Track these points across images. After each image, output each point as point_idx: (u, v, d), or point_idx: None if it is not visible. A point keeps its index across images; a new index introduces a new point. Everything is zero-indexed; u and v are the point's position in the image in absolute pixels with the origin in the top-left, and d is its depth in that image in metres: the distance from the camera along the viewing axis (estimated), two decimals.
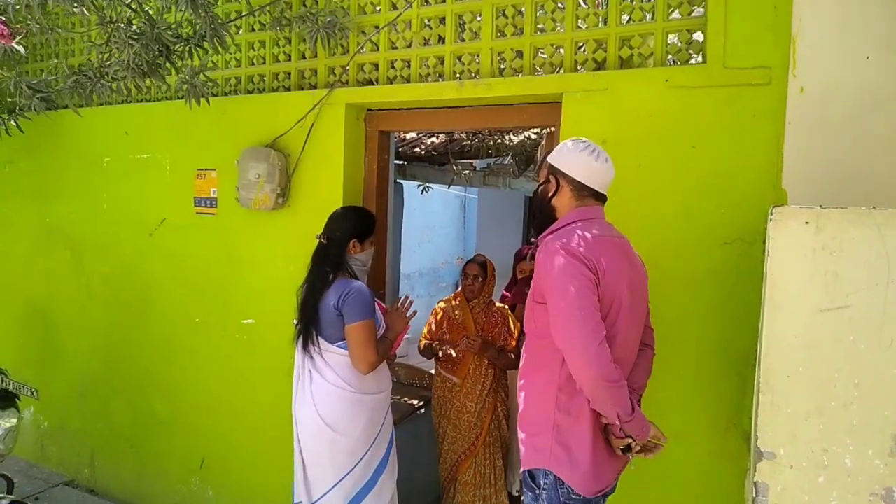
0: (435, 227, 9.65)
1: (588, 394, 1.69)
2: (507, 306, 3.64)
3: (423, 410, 3.89)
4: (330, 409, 2.44)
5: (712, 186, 2.17)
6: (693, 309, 2.22)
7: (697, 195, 2.19)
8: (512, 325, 3.53)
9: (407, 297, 2.67)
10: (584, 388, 1.68)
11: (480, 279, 3.47)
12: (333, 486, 2.42)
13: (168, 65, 2.60)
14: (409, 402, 3.94)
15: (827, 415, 1.49)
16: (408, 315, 2.64)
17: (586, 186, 1.86)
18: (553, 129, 2.57)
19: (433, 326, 3.55)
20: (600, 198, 1.90)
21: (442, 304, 3.60)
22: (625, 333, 1.80)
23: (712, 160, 2.17)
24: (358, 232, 2.53)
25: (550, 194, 1.89)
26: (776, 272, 1.51)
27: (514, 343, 3.50)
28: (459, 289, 3.58)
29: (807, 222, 1.48)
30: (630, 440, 1.75)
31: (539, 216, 1.94)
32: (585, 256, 1.70)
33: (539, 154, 3.16)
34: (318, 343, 2.44)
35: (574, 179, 1.85)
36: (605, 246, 1.78)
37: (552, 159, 1.91)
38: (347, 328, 2.37)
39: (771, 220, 1.50)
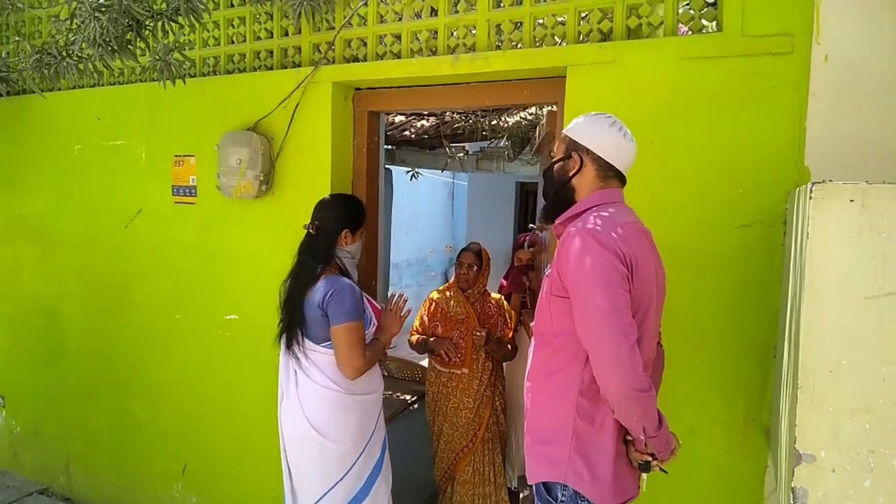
0: (423, 215, 9.48)
1: (613, 403, 1.52)
2: (502, 296, 3.49)
3: (416, 406, 3.74)
4: (318, 411, 2.28)
5: (729, 165, 2.02)
6: (707, 296, 2.08)
7: (713, 174, 2.04)
8: (508, 316, 3.39)
9: (401, 296, 2.51)
10: (610, 396, 1.51)
11: (476, 268, 3.31)
12: (323, 497, 2.25)
13: (139, 41, 2.40)
14: (402, 397, 3.79)
15: (874, 413, 1.35)
16: (402, 315, 2.47)
17: (612, 167, 1.68)
18: (555, 106, 2.40)
19: (425, 319, 3.40)
20: (622, 179, 1.73)
21: (435, 295, 3.44)
22: (651, 333, 1.64)
23: (729, 136, 2.02)
24: (350, 222, 2.36)
25: (572, 173, 1.69)
26: (817, 256, 1.36)
27: (510, 333, 3.37)
28: (453, 279, 3.43)
29: (851, 200, 1.33)
30: (650, 458, 1.59)
31: (554, 197, 1.74)
32: (619, 248, 1.52)
33: (538, 134, 2.99)
34: (304, 343, 2.27)
35: (600, 158, 1.67)
36: (636, 235, 1.61)
37: (574, 134, 1.71)
38: (332, 330, 2.20)
39: (811, 198, 1.35)
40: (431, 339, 3.24)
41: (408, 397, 3.79)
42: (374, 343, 2.35)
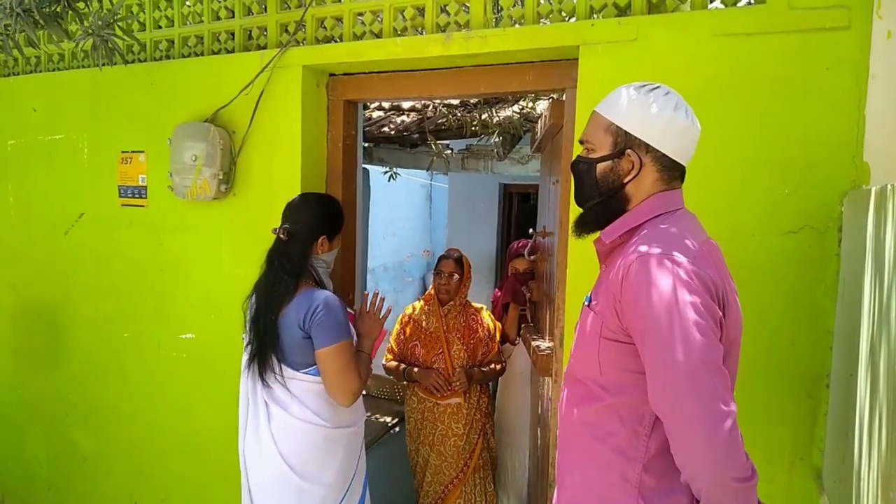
0: (400, 218, 9.13)
1: (702, 493, 1.11)
2: (483, 307, 3.16)
3: (397, 429, 3.40)
4: (297, 449, 1.94)
5: (773, 160, 1.72)
6: (746, 315, 1.75)
7: (753, 172, 1.74)
8: (493, 327, 3.07)
9: (377, 294, 2.18)
10: (698, 486, 1.11)
11: (457, 277, 2.98)
12: None
13: (71, 15, 2.02)
14: (381, 419, 3.44)
15: None
16: (381, 316, 2.15)
17: (678, 164, 1.28)
18: (563, 94, 2.09)
19: (401, 337, 3.04)
20: (684, 177, 1.34)
21: (410, 310, 3.09)
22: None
23: (773, 127, 1.72)
24: (328, 226, 2.03)
25: (627, 178, 1.27)
26: None
27: (496, 348, 3.05)
28: (430, 289, 3.09)
29: None
30: None
31: (599, 206, 1.32)
32: (712, 281, 1.14)
33: (539, 129, 2.67)
34: (281, 371, 1.92)
35: (664, 156, 1.25)
36: (716, 256, 1.23)
37: (624, 121, 1.26)
38: (320, 354, 1.86)
39: None
40: (416, 370, 2.89)
41: (388, 419, 3.44)
42: (360, 357, 2.01)
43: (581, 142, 1.36)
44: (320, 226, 2.01)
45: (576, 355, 1.35)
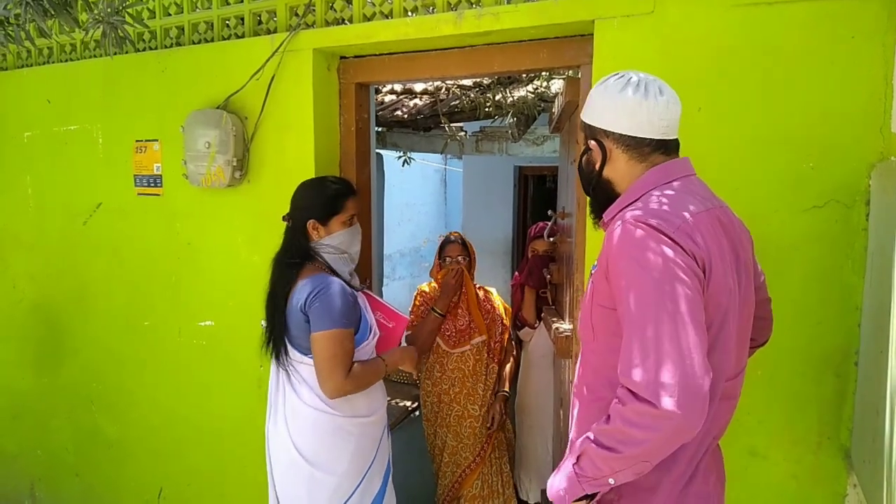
0: (415, 203, 9.12)
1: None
2: (493, 290, 3.14)
3: (417, 413, 3.40)
4: (307, 436, 1.93)
5: (796, 133, 1.67)
6: (772, 292, 1.73)
7: (775, 146, 1.69)
8: (503, 311, 3.06)
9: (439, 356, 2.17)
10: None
11: (465, 259, 2.97)
12: None
13: (80, 1, 2.01)
14: (401, 404, 3.45)
15: None
16: (416, 367, 2.15)
17: (644, 139, 1.28)
18: (579, 71, 2.04)
19: (419, 311, 3.03)
20: (671, 147, 1.31)
21: (426, 288, 3.07)
22: (731, 366, 1.23)
23: (795, 99, 1.67)
24: (316, 211, 1.99)
25: (598, 165, 1.34)
26: None
27: (507, 335, 3.05)
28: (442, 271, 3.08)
29: None
30: None
31: (592, 195, 1.41)
32: (685, 240, 1.13)
33: (556, 107, 2.62)
34: (289, 354, 1.92)
35: (623, 136, 1.29)
36: (710, 228, 1.20)
37: (585, 116, 1.37)
38: (312, 337, 1.86)
39: None
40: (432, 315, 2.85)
41: (408, 403, 3.44)
42: (374, 362, 1.99)
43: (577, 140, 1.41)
44: (306, 211, 1.99)
45: (580, 316, 1.40)
